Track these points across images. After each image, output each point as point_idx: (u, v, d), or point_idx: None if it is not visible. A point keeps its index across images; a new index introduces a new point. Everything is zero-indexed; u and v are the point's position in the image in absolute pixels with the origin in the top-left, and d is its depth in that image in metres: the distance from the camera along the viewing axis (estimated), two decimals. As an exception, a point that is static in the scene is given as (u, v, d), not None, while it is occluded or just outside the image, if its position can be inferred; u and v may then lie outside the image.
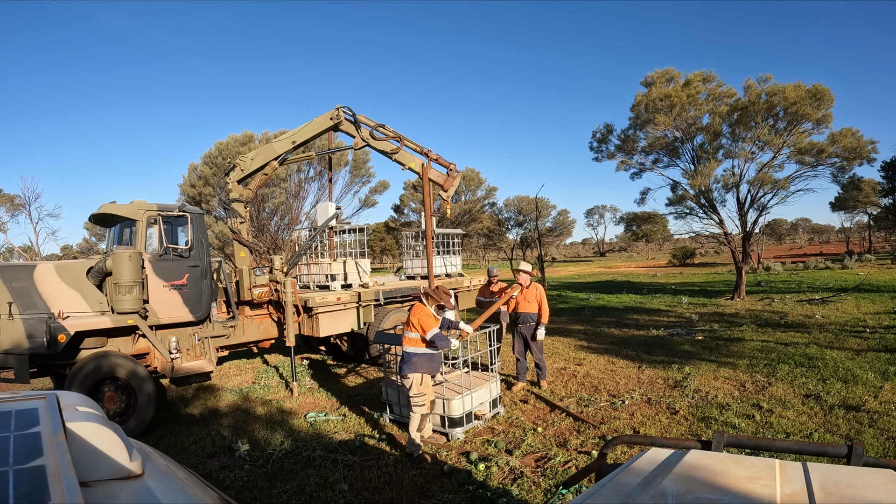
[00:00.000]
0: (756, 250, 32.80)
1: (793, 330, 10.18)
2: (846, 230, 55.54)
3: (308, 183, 19.71)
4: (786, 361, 7.56)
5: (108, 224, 7.09)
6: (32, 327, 5.51)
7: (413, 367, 4.80)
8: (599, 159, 17.94)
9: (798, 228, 70.84)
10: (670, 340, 9.81)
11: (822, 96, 14.02)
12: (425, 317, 4.83)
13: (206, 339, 6.89)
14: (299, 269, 9.27)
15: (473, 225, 28.44)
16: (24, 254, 30.51)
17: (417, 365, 4.80)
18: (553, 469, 4.37)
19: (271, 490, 4.30)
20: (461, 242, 11.34)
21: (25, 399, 1.48)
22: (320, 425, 5.84)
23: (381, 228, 39.65)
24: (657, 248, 71.30)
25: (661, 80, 15.81)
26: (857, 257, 30.44)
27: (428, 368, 4.84)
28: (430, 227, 8.59)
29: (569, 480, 2.09)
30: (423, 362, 4.82)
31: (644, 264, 44.59)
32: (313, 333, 7.79)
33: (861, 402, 5.64)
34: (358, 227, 10.05)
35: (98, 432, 1.30)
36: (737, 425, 5.18)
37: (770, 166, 15.21)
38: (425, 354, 4.83)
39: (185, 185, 19.37)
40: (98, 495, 1.15)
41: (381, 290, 8.51)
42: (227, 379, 8.47)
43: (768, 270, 26.70)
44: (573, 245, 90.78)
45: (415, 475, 4.42)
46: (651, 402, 6.12)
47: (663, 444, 1.64)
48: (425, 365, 4.82)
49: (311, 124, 8.19)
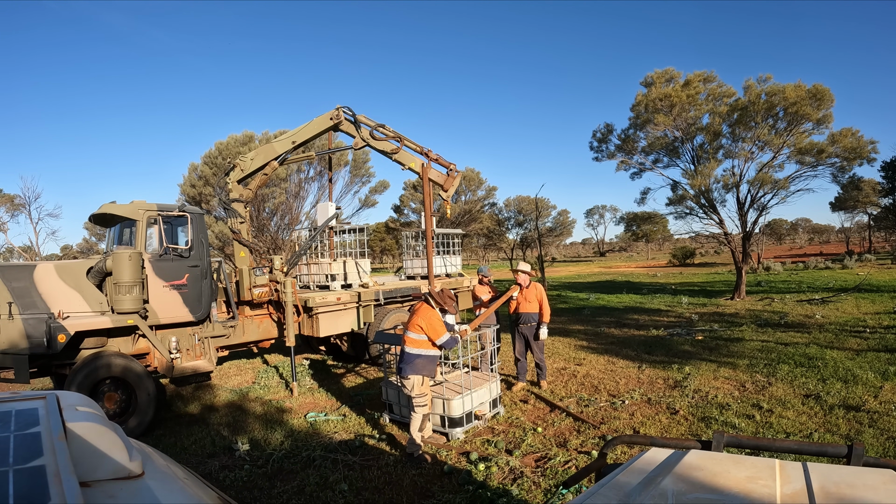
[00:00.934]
0: (756, 250, 32.80)
1: (793, 330, 10.18)
2: (846, 230, 55.53)
3: (308, 183, 19.73)
4: (786, 361, 7.56)
5: (108, 224, 7.09)
6: (32, 327, 5.51)
7: (415, 369, 4.79)
8: (599, 159, 17.95)
9: (798, 228, 70.82)
10: (670, 340, 9.81)
11: (822, 96, 14.02)
12: (436, 321, 4.81)
13: (206, 339, 6.89)
14: (299, 269, 9.27)
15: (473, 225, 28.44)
16: (24, 254, 30.51)
17: (419, 366, 4.79)
18: (553, 469, 4.37)
19: (271, 490, 4.30)
20: (461, 242, 11.34)
21: (25, 399, 1.48)
22: (320, 425, 5.84)
23: (381, 228, 39.65)
24: (657, 248, 71.29)
25: (661, 80, 15.81)
26: (857, 257, 30.45)
27: (429, 370, 4.83)
28: (430, 227, 8.58)
29: (569, 480, 2.09)
30: (426, 364, 4.81)
31: (644, 264, 44.59)
32: (313, 333, 7.79)
33: (861, 402, 5.64)
34: (358, 227, 10.05)
35: (98, 432, 1.29)
36: (737, 425, 5.18)
37: (770, 166, 15.21)
38: (428, 356, 4.82)
39: (185, 185, 19.37)
40: (98, 495, 1.15)
41: (381, 290, 8.51)
42: (227, 379, 8.47)
43: (768, 270, 26.70)
44: (573, 245, 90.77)
45: (415, 475, 4.42)
46: (651, 402, 6.12)
47: (663, 444, 1.64)
48: (427, 367, 4.82)
49: (311, 124, 8.19)
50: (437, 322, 4.82)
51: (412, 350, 4.84)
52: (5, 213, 29.63)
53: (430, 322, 4.79)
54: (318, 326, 7.70)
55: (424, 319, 4.82)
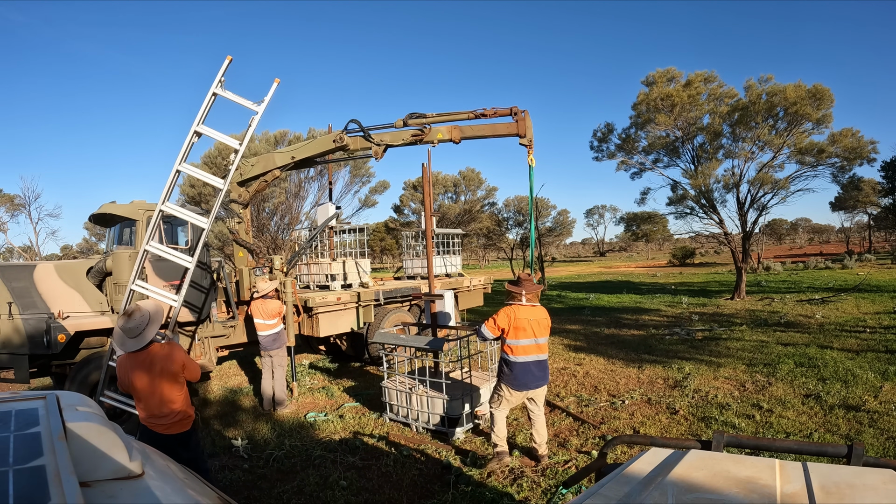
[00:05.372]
0: (756, 250, 32.80)
1: (793, 330, 10.17)
2: (846, 230, 55.55)
3: (308, 183, 19.71)
4: (786, 361, 7.56)
5: (108, 224, 7.09)
6: (32, 327, 5.51)
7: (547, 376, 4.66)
8: (600, 159, 17.95)
9: (798, 228, 70.81)
10: (670, 340, 9.81)
11: (823, 96, 14.03)
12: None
13: (206, 339, 6.89)
14: (299, 269, 9.27)
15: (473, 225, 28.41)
16: (24, 254, 30.51)
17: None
18: (553, 469, 4.37)
19: (271, 490, 4.30)
20: (461, 242, 11.35)
21: (25, 399, 1.48)
22: (320, 425, 5.84)
23: (381, 228, 39.64)
24: (657, 248, 71.27)
25: (662, 79, 15.81)
26: (857, 257, 30.45)
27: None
28: (430, 226, 8.55)
29: (569, 480, 2.09)
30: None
31: (644, 264, 44.60)
32: (313, 333, 7.79)
33: (861, 402, 5.64)
34: (358, 227, 10.05)
35: (98, 432, 1.29)
36: (737, 425, 5.18)
37: (770, 166, 15.22)
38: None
39: (185, 185, 19.34)
40: (98, 495, 1.15)
41: (381, 290, 8.51)
42: (227, 379, 8.47)
43: (768, 270, 26.71)
44: (573, 245, 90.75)
45: (415, 475, 4.42)
46: (651, 402, 6.12)
47: (663, 444, 1.64)
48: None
49: (313, 143, 7.70)
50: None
51: (546, 356, 4.56)
52: (5, 213, 29.66)
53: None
54: (318, 326, 7.70)
55: (547, 318, 4.55)
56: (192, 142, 5.19)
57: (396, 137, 7.21)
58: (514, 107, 6.98)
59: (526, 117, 6.98)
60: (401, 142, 7.27)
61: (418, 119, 7.01)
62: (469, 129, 7.04)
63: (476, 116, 7.00)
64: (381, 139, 7.23)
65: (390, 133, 7.19)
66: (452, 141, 7.07)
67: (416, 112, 7.09)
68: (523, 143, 7.04)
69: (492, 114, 7.01)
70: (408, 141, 7.21)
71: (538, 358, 4.44)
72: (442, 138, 7.09)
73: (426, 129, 7.03)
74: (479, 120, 7.00)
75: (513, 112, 6.99)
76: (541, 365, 4.47)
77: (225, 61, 5.21)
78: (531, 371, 4.41)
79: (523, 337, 4.38)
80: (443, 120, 7.02)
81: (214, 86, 5.26)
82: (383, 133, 7.20)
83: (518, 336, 4.38)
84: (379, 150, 7.29)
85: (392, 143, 7.28)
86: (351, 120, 7.16)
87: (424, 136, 7.11)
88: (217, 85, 5.27)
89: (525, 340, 4.38)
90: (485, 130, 7.01)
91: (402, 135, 7.18)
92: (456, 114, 7.02)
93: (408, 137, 7.16)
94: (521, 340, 4.38)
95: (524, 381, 4.40)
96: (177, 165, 5.21)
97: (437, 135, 7.13)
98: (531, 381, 4.42)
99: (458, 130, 7.03)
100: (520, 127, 6.99)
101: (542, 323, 4.48)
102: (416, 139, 7.14)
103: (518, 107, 7.00)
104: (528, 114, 6.94)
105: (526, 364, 4.40)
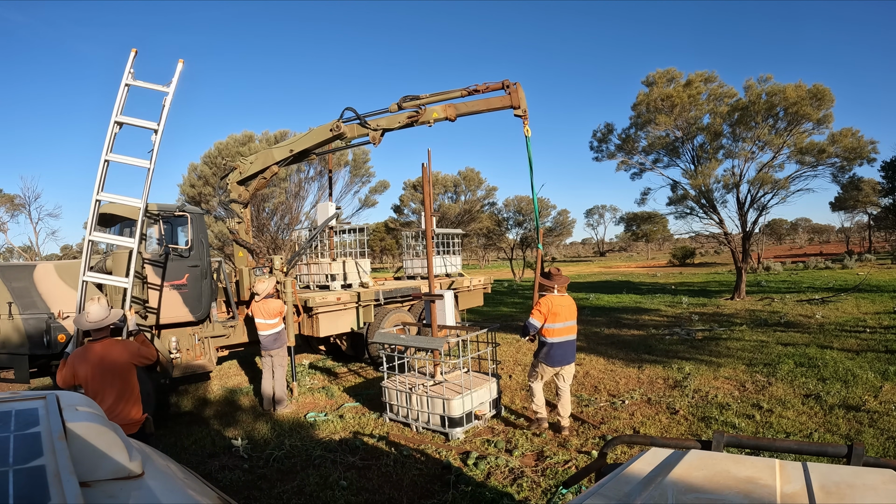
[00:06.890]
0: (756, 250, 32.80)
1: (793, 330, 10.17)
2: (846, 230, 55.54)
3: (308, 183, 19.70)
4: (786, 361, 7.56)
5: (108, 224, 7.09)
6: (32, 327, 5.51)
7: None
8: (600, 159, 17.94)
9: (798, 228, 70.79)
10: (670, 340, 9.81)
11: (823, 96, 14.02)
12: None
13: (205, 339, 6.88)
14: (299, 269, 9.27)
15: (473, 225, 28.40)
16: (24, 254, 30.52)
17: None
18: (553, 469, 4.37)
19: (271, 490, 4.30)
20: (461, 242, 11.34)
21: (25, 399, 1.48)
22: (320, 425, 5.84)
23: (381, 228, 39.63)
24: (657, 248, 71.27)
25: (662, 79, 15.81)
26: (857, 257, 30.45)
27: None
28: (430, 226, 8.54)
29: (569, 480, 2.09)
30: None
31: (644, 264, 44.60)
32: (313, 333, 7.79)
33: (861, 402, 5.64)
34: (358, 227, 10.05)
35: (98, 432, 1.29)
36: (737, 425, 5.18)
37: (770, 166, 15.22)
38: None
39: (185, 184, 19.35)
40: (98, 495, 1.15)
41: (381, 290, 8.51)
42: (227, 379, 8.47)
43: (768, 270, 26.71)
44: (573, 245, 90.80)
45: (415, 475, 4.43)
46: (651, 402, 6.12)
47: (663, 444, 1.64)
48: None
49: (309, 134, 7.78)
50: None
51: (575, 337, 5.31)
52: (5, 213, 29.65)
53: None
54: (318, 326, 7.70)
55: (574, 305, 5.28)
56: (114, 132, 5.30)
57: (393, 121, 7.23)
58: (505, 80, 7.04)
59: (518, 89, 7.02)
60: (397, 125, 7.27)
61: (413, 101, 7.08)
62: (464, 105, 7.08)
63: (469, 93, 7.10)
64: (378, 124, 7.27)
65: (386, 117, 7.22)
66: (448, 119, 7.10)
67: (411, 94, 7.18)
68: (518, 115, 7.06)
69: (484, 89, 7.11)
70: (404, 123, 7.22)
71: (569, 339, 5.21)
72: (437, 117, 7.12)
73: (421, 110, 7.09)
74: (473, 96, 7.11)
75: (504, 85, 7.05)
76: (571, 344, 5.25)
77: (131, 54, 5.40)
78: (565, 349, 5.18)
79: (559, 321, 5.11)
80: (437, 100, 7.07)
81: (125, 78, 5.35)
82: (379, 118, 7.24)
83: (555, 320, 5.11)
84: (376, 136, 7.34)
85: (389, 126, 7.29)
86: (346, 108, 7.23)
87: (420, 117, 7.15)
88: (127, 76, 5.35)
89: (559, 324, 5.12)
90: (479, 105, 7.08)
91: (398, 118, 7.19)
92: (449, 92, 7.11)
93: (404, 120, 7.17)
94: (557, 324, 5.11)
95: (558, 359, 5.17)
96: (104, 156, 5.27)
97: (433, 114, 7.17)
98: (563, 359, 5.19)
99: (452, 108, 7.07)
100: (513, 98, 7.02)
101: (572, 309, 5.26)
102: (412, 121, 7.18)
103: (509, 79, 7.04)
104: (520, 85, 6.99)
105: (561, 344, 5.16)
